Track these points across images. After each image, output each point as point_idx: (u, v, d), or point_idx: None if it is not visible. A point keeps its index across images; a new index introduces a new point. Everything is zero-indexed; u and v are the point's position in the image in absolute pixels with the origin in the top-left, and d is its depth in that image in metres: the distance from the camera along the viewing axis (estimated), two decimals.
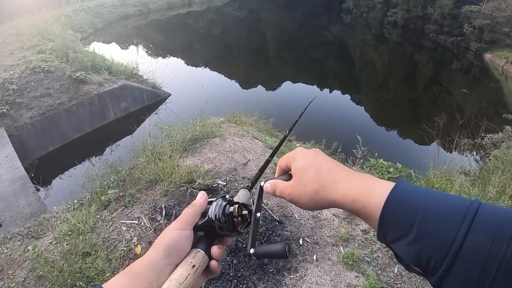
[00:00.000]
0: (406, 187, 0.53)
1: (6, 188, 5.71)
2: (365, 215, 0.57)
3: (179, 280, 0.62)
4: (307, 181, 0.65)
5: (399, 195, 0.52)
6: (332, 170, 0.65)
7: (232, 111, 7.31)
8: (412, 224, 0.48)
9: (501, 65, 19.97)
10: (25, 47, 10.35)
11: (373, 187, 0.56)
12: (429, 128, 7.83)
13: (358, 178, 0.61)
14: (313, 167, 0.66)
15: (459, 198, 0.49)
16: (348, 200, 0.58)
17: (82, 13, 20.13)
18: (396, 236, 0.50)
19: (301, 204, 0.66)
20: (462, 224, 0.45)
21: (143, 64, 11.48)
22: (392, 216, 0.51)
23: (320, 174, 0.64)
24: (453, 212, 0.47)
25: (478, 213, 0.45)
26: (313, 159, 0.68)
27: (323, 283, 3.14)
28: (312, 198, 0.64)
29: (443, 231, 0.46)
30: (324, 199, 0.62)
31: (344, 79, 17.99)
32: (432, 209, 0.48)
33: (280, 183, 0.71)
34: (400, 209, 0.50)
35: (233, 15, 31.84)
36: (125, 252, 3.38)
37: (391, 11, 29.64)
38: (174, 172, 4.31)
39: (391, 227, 0.51)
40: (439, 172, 5.50)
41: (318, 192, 0.63)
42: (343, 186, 0.60)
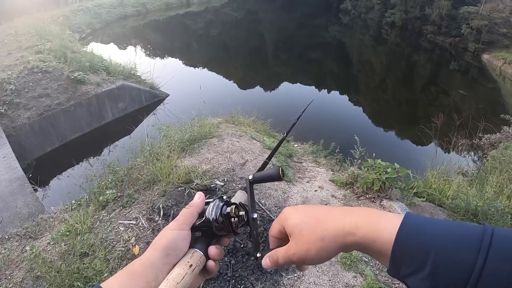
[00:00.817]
0: (415, 219, 0.52)
1: (4, 189, 5.69)
2: (375, 251, 0.55)
3: (177, 280, 0.62)
4: (309, 232, 0.60)
5: (410, 229, 0.50)
6: (330, 212, 0.61)
7: (230, 111, 7.31)
8: (427, 258, 0.47)
9: (499, 66, 20.04)
10: (23, 47, 10.33)
11: (380, 222, 0.55)
12: (427, 128, 7.85)
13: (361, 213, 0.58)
14: (310, 216, 0.62)
15: (471, 225, 0.48)
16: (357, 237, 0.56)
17: (80, 13, 20.11)
18: (410, 271, 0.49)
19: (311, 258, 0.60)
20: (479, 251, 0.44)
21: (141, 65, 11.47)
22: (404, 251, 0.50)
23: (320, 220, 0.60)
24: (468, 240, 0.46)
25: (493, 239, 0.44)
26: (306, 210, 0.64)
27: (321, 283, 3.14)
28: (320, 247, 0.59)
29: (460, 260, 0.45)
30: (332, 243, 0.58)
31: (342, 80, 18.02)
32: (445, 240, 0.47)
33: (279, 249, 0.65)
34: (412, 242, 0.49)
35: (231, 15, 31.86)
36: (123, 252, 3.37)
37: (389, 12, 29.70)
38: (172, 173, 4.31)
39: (404, 262, 0.50)
40: (437, 173, 5.52)
41: (324, 238, 0.58)
42: (347, 223, 0.57)
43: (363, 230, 0.55)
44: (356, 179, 4.77)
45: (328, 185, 4.82)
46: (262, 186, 4.34)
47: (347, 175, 5.00)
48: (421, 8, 26.66)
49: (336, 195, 4.55)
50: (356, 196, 4.60)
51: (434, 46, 25.17)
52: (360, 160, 5.49)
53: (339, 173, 5.35)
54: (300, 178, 5.01)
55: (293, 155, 5.83)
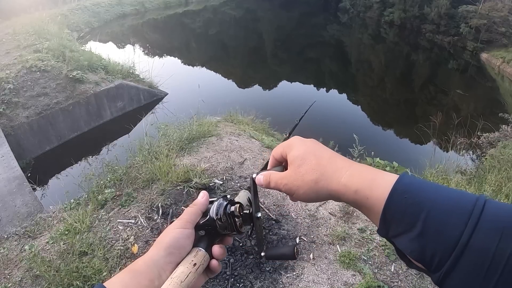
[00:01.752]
0: (410, 180, 0.51)
1: (3, 188, 5.68)
2: (367, 207, 0.54)
3: (181, 278, 0.62)
4: (306, 169, 0.61)
5: (404, 188, 0.50)
6: (332, 158, 0.61)
7: (229, 110, 7.31)
8: (417, 219, 0.47)
9: (498, 65, 20.07)
10: (22, 46, 10.30)
11: (376, 178, 0.54)
12: (425, 127, 7.85)
13: (360, 168, 0.58)
14: (313, 155, 0.62)
15: (465, 193, 0.48)
16: (350, 190, 0.55)
17: (79, 12, 20.06)
18: (400, 231, 0.49)
19: (299, 195, 0.62)
20: (468, 221, 0.44)
21: (140, 64, 11.45)
22: (396, 209, 0.49)
23: (320, 162, 0.60)
24: (460, 208, 0.45)
25: (485, 210, 0.44)
26: (312, 147, 0.64)
27: (319, 281, 3.15)
28: (311, 188, 0.60)
29: (449, 227, 0.45)
30: (324, 188, 0.59)
31: (341, 79, 18.03)
32: (438, 204, 0.47)
33: (275, 173, 0.67)
34: (405, 202, 0.48)
35: (230, 14, 31.81)
36: (122, 251, 3.37)
37: (388, 10, 29.72)
38: (170, 171, 4.31)
39: (395, 221, 0.49)
40: (436, 171, 5.51)
41: (318, 181, 0.59)
42: (345, 176, 0.57)
43: (357, 185, 0.55)
44: None
45: None
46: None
47: None
48: (420, 7, 26.68)
49: None
50: None
51: (433, 45, 25.19)
52: (358, 158, 5.49)
53: None
54: None
55: None
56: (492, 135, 8.50)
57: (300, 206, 4.06)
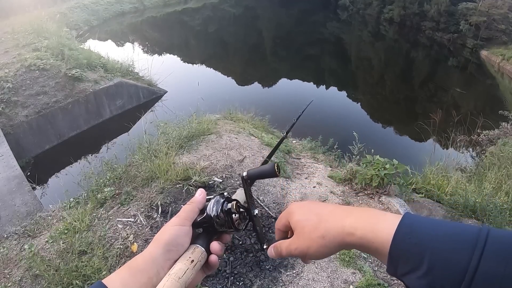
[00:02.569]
0: (412, 220, 0.53)
1: (2, 187, 5.68)
2: (373, 251, 0.56)
3: (178, 275, 0.62)
4: (310, 228, 0.63)
5: (407, 229, 0.52)
6: (333, 211, 0.64)
7: (228, 108, 7.31)
8: (423, 257, 0.48)
9: (497, 62, 20.04)
10: (20, 45, 10.28)
11: (378, 222, 0.56)
12: (425, 124, 7.85)
13: (361, 213, 0.60)
14: (313, 214, 0.65)
15: (467, 225, 0.49)
16: (356, 237, 0.57)
17: (78, 10, 20.00)
18: (407, 270, 0.50)
19: (312, 254, 0.64)
20: (474, 251, 0.44)
21: (139, 62, 11.46)
22: (401, 250, 0.51)
23: (322, 218, 0.63)
24: (463, 240, 0.46)
25: (488, 239, 0.45)
26: (310, 207, 0.67)
27: (319, 279, 3.15)
28: (321, 244, 0.62)
29: (455, 260, 0.45)
30: (332, 242, 0.61)
31: (341, 76, 18.01)
32: (441, 240, 0.48)
33: (283, 242, 0.69)
34: (409, 242, 0.50)
35: (229, 12, 31.73)
36: (121, 250, 3.37)
37: (388, 8, 29.64)
38: (170, 170, 4.31)
39: (401, 261, 0.51)
40: (435, 169, 5.52)
41: (324, 236, 0.61)
42: (347, 224, 0.59)
43: (361, 231, 0.57)
44: (355, 175, 4.77)
45: (327, 181, 4.82)
46: (260, 183, 4.34)
47: (346, 171, 5.00)
48: (420, 4, 26.62)
49: (335, 191, 4.55)
50: (354, 192, 4.60)
51: (433, 42, 25.16)
52: (358, 156, 5.49)
53: (338, 169, 5.35)
54: (298, 174, 5.01)
55: (292, 151, 5.83)
56: (492, 132, 8.51)
57: None
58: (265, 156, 3.88)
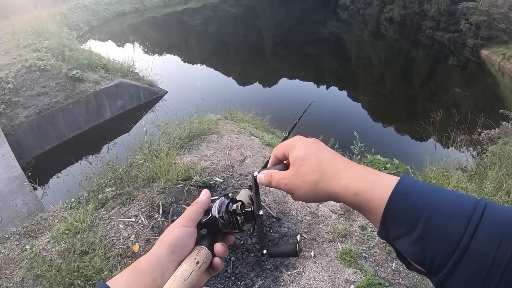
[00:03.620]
0: (411, 182, 0.51)
1: (3, 188, 5.69)
2: (367, 210, 0.54)
3: (184, 276, 0.62)
4: (307, 170, 0.61)
5: (405, 190, 0.50)
6: (333, 160, 0.61)
7: (229, 108, 7.31)
8: (418, 222, 0.46)
9: (498, 61, 20.03)
10: (21, 45, 10.29)
11: (376, 180, 0.54)
12: (425, 124, 7.83)
13: (361, 170, 0.58)
14: (314, 156, 0.62)
15: (466, 196, 0.48)
16: (350, 192, 0.55)
17: (78, 11, 20.01)
18: (400, 233, 0.49)
19: (299, 195, 0.62)
20: (468, 224, 0.44)
21: (140, 62, 11.45)
22: (396, 211, 0.49)
23: (321, 163, 0.60)
24: (460, 211, 0.45)
25: (485, 214, 0.44)
26: (313, 148, 0.64)
27: (321, 279, 3.15)
28: (311, 189, 0.60)
29: (449, 230, 0.45)
30: (324, 190, 0.59)
31: (341, 76, 18.00)
32: (438, 207, 0.47)
33: (276, 173, 0.67)
34: (405, 205, 0.48)
35: (229, 12, 31.73)
36: (123, 250, 3.37)
37: (388, 7, 29.64)
38: (171, 170, 4.31)
39: (395, 224, 0.49)
40: (436, 168, 5.51)
41: (318, 182, 0.59)
42: (345, 178, 0.57)
43: (357, 187, 0.55)
44: None
45: None
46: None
47: None
48: (420, 3, 26.60)
49: None
50: None
51: (433, 42, 25.14)
52: (359, 156, 5.49)
53: None
54: None
55: None
56: (493, 131, 8.49)
57: (301, 204, 4.06)
58: (266, 156, 3.87)
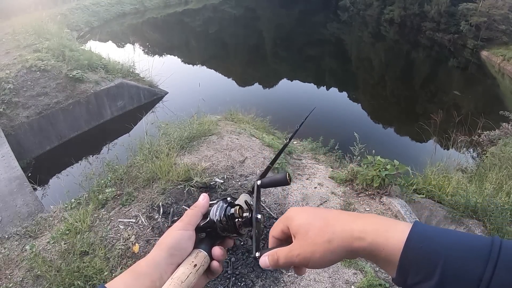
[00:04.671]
0: (424, 228, 0.51)
1: (3, 188, 5.68)
2: (382, 258, 0.53)
3: (181, 278, 0.62)
4: (316, 233, 0.58)
5: (419, 237, 0.49)
6: (338, 215, 0.60)
7: (229, 109, 7.31)
8: (435, 267, 0.46)
9: (498, 63, 20.04)
10: (21, 46, 10.29)
11: (389, 229, 0.53)
12: (426, 125, 7.85)
13: (370, 219, 0.57)
14: (318, 217, 0.60)
15: (479, 236, 0.48)
16: (365, 242, 0.54)
17: (78, 11, 20.01)
18: (418, 279, 0.48)
19: (316, 260, 0.58)
20: (488, 262, 0.43)
21: (140, 63, 11.44)
22: (413, 258, 0.48)
23: (328, 222, 0.58)
24: (476, 252, 0.45)
25: (502, 250, 0.44)
26: (313, 211, 0.62)
27: (321, 280, 3.15)
28: (327, 249, 0.57)
29: (468, 271, 0.44)
30: (339, 246, 0.56)
31: (341, 77, 18.00)
32: (454, 250, 0.46)
33: (282, 249, 0.62)
34: (421, 251, 0.48)
35: (230, 13, 31.76)
36: (123, 250, 3.37)
37: (388, 8, 29.68)
38: (171, 170, 4.31)
39: (412, 271, 0.49)
40: (436, 169, 5.52)
41: (331, 240, 0.56)
42: (357, 229, 0.55)
43: (372, 236, 0.54)
44: (356, 176, 4.77)
45: (328, 182, 4.82)
46: None
47: (347, 172, 5.01)
48: (420, 4, 26.64)
49: (336, 192, 4.55)
50: (355, 193, 4.60)
51: (433, 43, 25.16)
52: (359, 157, 5.50)
53: (339, 170, 5.35)
54: (299, 175, 5.02)
55: (293, 152, 5.83)
56: (493, 133, 8.51)
57: (301, 205, 4.06)
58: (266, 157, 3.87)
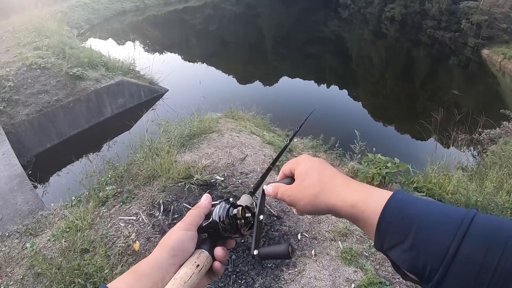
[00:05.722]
0: (403, 196, 0.55)
1: (4, 186, 5.68)
2: (362, 221, 0.58)
3: (184, 279, 0.62)
4: (308, 184, 0.67)
5: (397, 203, 0.53)
6: (334, 176, 0.67)
7: (230, 106, 7.31)
8: (409, 231, 0.49)
9: (499, 61, 20.00)
10: (21, 43, 10.27)
11: (372, 194, 0.58)
12: (426, 123, 7.83)
13: (358, 185, 0.63)
14: (316, 171, 0.68)
15: (455, 208, 0.50)
16: (347, 205, 0.60)
17: (79, 9, 19.98)
18: (393, 243, 0.52)
19: (299, 207, 0.68)
20: (457, 232, 0.46)
21: (140, 60, 11.43)
22: (389, 222, 0.52)
23: (322, 178, 0.66)
24: (449, 221, 0.48)
25: (473, 222, 0.46)
26: (317, 164, 0.70)
27: (321, 278, 3.15)
28: (311, 201, 0.65)
29: (438, 238, 0.47)
30: (322, 203, 0.64)
31: (342, 75, 17.99)
32: (428, 217, 0.49)
33: (282, 186, 0.73)
34: (397, 216, 0.52)
35: (230, 10, 31.69)
36: (124, 248, 3.37)
37: (389, 6, 29.59)
38: (172, 168, 4.31)
39: (388, 234, 0.52)
40: (437, 168, 5.51)
41: (318, 195, 0.65)
42: (343, 191, 0.62)
43: (354, 200, 0.60)
44: (356, 174, 4.77)
45: None
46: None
47: (347, 169, 5.01)
48: (421, 2, 26.56)
49: None
50: None
51: (434, 41, 25.10)
52: (360, 154, 5.49)
53: (339, 168, 5.34)
54: None
55: (293, 150, 5.83)
56: (493, 131, 8.49)
57: None
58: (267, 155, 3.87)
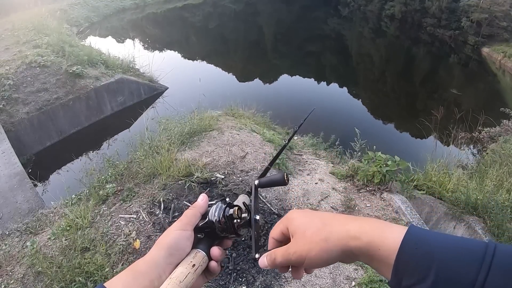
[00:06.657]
0: (419, 231, 0.52)
1: (4, 184, 5.68)
2: (377, 259, 0.54)
3: (179, 278, 0.63)
4: (313, 231, 0.60)
5: (414, 239, 0.50)
6: (336, 216, 0.62)
7: (230, 104, 7.30)
8: (430, 269, 0.47)
9: (499, 60, 19.97)
10: (21, 42, 10.26)
11: (385, 230, 0.54)
12: (426, 121, 7.82)
13: (366, 221, 0.58)
14: (316, 217, 0.62)
15: (474, 240, 0.48)
16: (362, 242, 0.55)
17: (78, 7, 19.97)
18: (412, 282, 0.49)
19: (311, 258, 0.59)
20: (481, 265, 0.44)
21: (140, 58, 11.41)
22: (408, 261, 0.49)
23: (326, 222, 0.60)
24: (471, 255, 0.46)
25: (496, 254, 0.45)
26: (313, 212, 0.65)
27: (322, 276, 3.15)
28: (323, 247, 0.58)
29: (462, 274, 0.45)
30: (335, 245, 0.57)
31: (341, 73, 17.97)
32: (448, 254, 0.47)
33: (278, 249, 0.64)
34: (416, 253, 0.49)
35: (230, 8, 31.63)
36: (124, 246, 3.37)
37: (389, 4, 29.50)
38: (172, 166, 4.31)
39: (407, 273, 0.49)
40: (437, 166, 5.51)
41: (328, 239, 0.58)
42: (353, 230, 0.57)
43: (368, 236, 0.55)
44: (357, 172, 4.77)
45: (329, 178, 4.81)
46: None
47: (347, 167, 5.01)
48: (421, 0, 26.48)
49: (337, 188, 4.55)
50: (356, 188, 4.60)
51: (434, 39, 25.04)
52: (360, 152, 5.49)
53: (339, 166, 5.35)
54: (300, 170, 5.01)
55: (293, 148, 5.83)
56: (493, 129, 8.49)
57: (302, 200, 4.06)
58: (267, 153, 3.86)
